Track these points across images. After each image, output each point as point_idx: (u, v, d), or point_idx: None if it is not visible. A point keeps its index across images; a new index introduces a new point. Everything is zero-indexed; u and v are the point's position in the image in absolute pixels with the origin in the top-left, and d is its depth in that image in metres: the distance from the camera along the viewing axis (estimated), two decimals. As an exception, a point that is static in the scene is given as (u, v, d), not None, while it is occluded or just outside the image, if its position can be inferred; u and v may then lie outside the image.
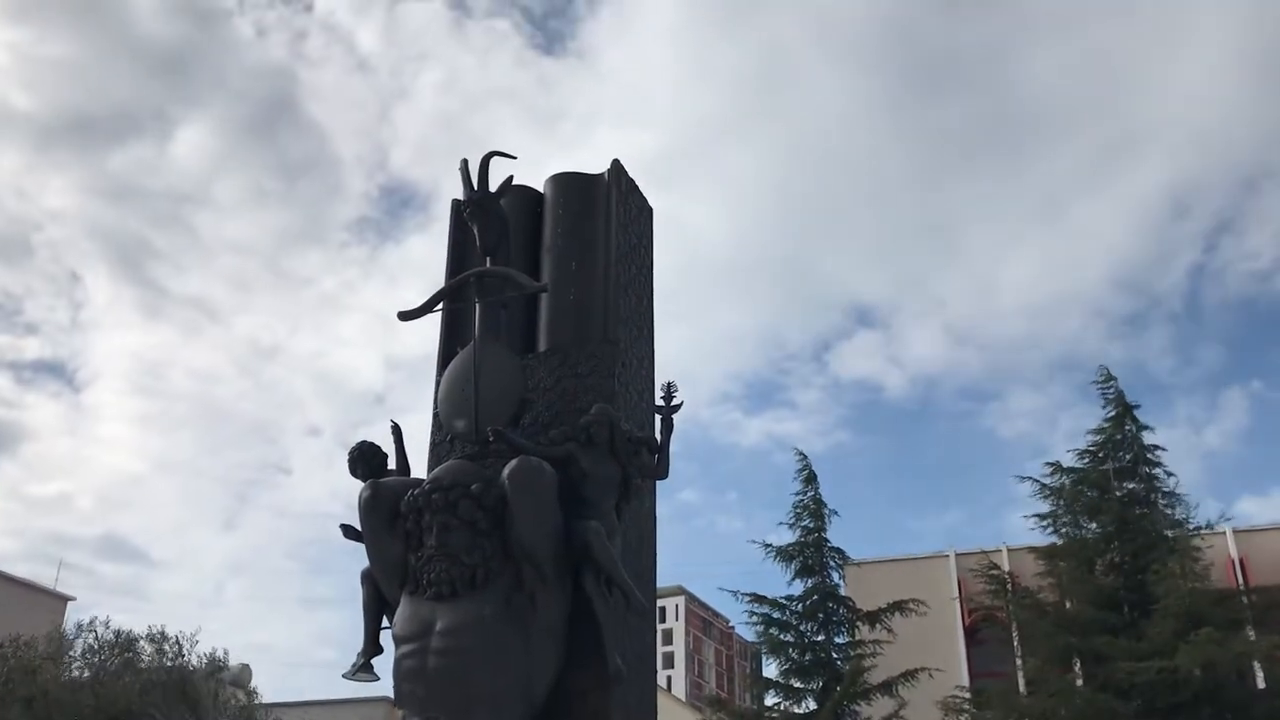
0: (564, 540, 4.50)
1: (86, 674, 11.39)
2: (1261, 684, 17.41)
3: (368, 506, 4.66)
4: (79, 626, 11.18)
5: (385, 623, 4.84)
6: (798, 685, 22.02)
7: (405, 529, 4.58)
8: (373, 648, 4.89)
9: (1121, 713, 16.89)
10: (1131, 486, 19.37)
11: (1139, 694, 16.72)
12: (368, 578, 4.86)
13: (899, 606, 21.42)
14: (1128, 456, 19.41)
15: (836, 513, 22.33)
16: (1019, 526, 31.82)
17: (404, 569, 4.61)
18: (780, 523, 23.29)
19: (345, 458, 5.02)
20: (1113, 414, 19.63)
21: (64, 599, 42.01)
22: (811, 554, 22.10)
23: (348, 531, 4.92)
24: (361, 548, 4.85)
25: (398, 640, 4.50)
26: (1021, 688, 19.82)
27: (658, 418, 5.09)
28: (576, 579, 4.55)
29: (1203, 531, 19.28)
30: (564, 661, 4.49)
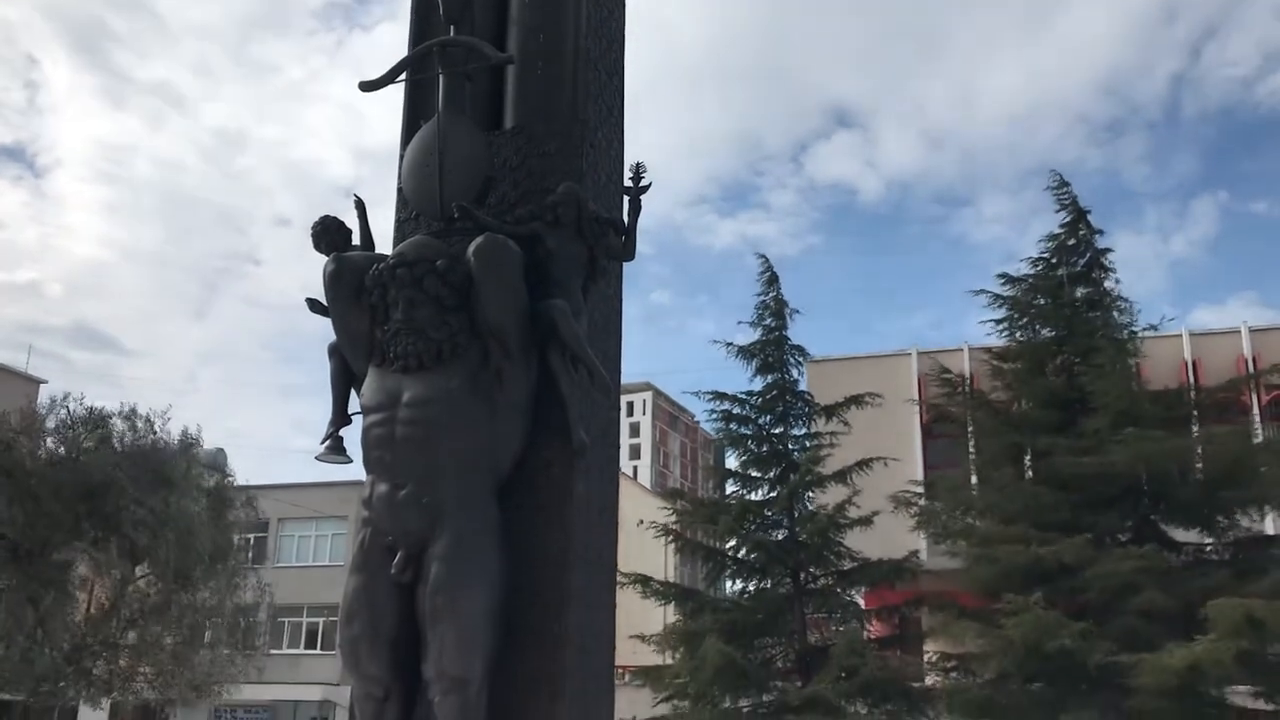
0: (530, 318, 4.53)
1: (61, 450, 11.60)
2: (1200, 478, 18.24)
3: (332, 280, 4.66)
4: (52, 401, 11.32)
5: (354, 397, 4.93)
6: (755, 475, 22.86)
7: (371, 303, 4.60)
8: (341, 419, 5.00)
9: (1061, 505, 17.75)
10: (1084, 291, 19.69)
11: (1077, 487, 17.52)
12: (335, 351, 4.91)
13: (856, 400, 22.04)
14: (1081, 261, 19.66)
15: (799, 311, 22.62)
16: (983, 328, 32.28)
17: (370, 342, 4.66)
18: (741, 322, 23.62)
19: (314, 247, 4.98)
20: (1067, 220, 19.75)
21: (36, 381, 42.30)
22: (772, 352, 22.52)
23: (314, 305, 4.95)
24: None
25: (365, 410, 4.59)
26: (973, 483, 20.68)
27: (625, 200, 5.06)
28: (542, 357, 4.60)
29: (1152, 334, 19.79)
30: (529, 436, 4.60)
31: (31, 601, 9.82)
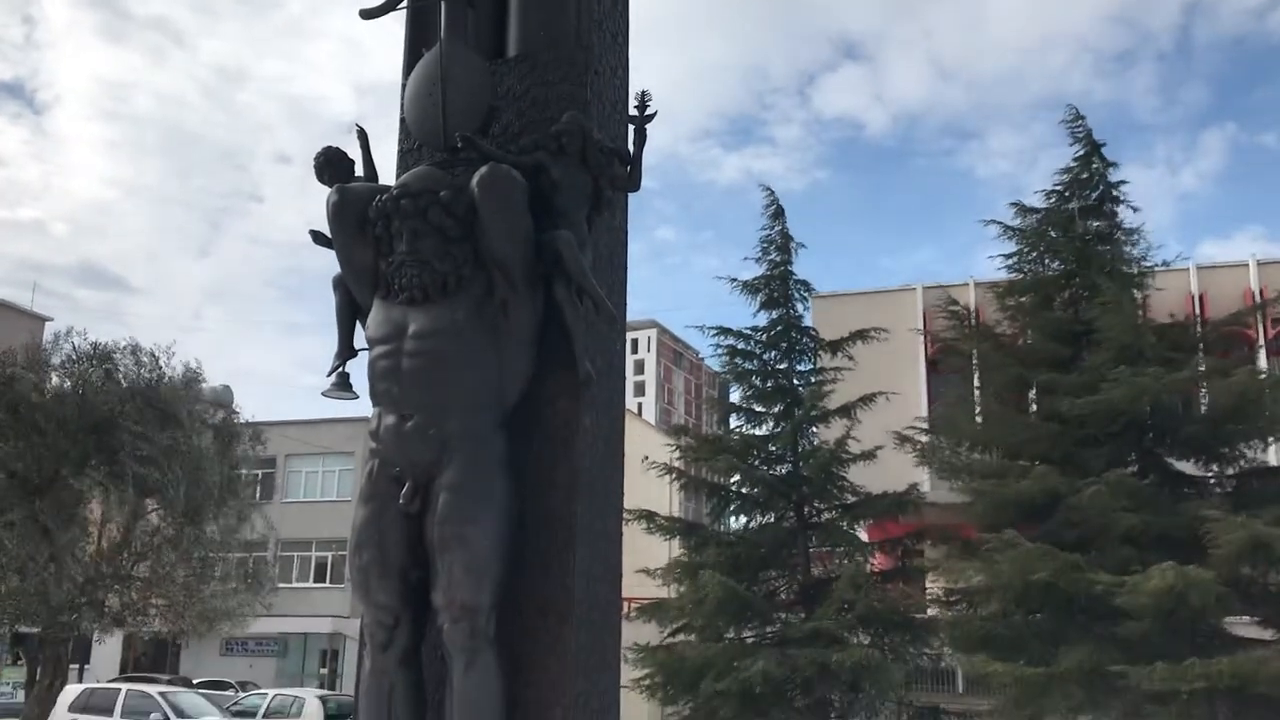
0: (534, 250, 4.50)
1: (67, 385, 11.63)
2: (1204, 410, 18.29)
3: (335, 211, 4.62)
4: (56, 337, 11.31)
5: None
6: (759, 409, 22.95)
7: (375, 235, 4.57)
8: (347, 351, 4.99)
9: (1064, 439, 17.81)
10: (1096, 225, 19.56)
11: (1080, 422, 17.57)
12: (339, 284, 4.89)
13: (861, 335, 22.05)
14: (1093, 195, 19.52)
15: (804, 245, 22.55)
16: (990, 265, 32.13)
17: (375, 274, 4.63)
18: (746, 257, 23.52)
19: (317, 182, 4.93)
20: (1081, 153, 19.57)
21: (41, 319, 42.46)
22: (777, 287, 22.48)
23: (317, 237, 4.92)
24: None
25: (371, 342, 4.59)
26: (977, 418, 20.73)
27: (630, 129, 5.00)
28: (547, 289, 4.58)
29: (1159, 269, 19.70)
30: (535, 369, 4.59)
31: (45, 534, 9.94)
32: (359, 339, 4.91)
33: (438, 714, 4.35)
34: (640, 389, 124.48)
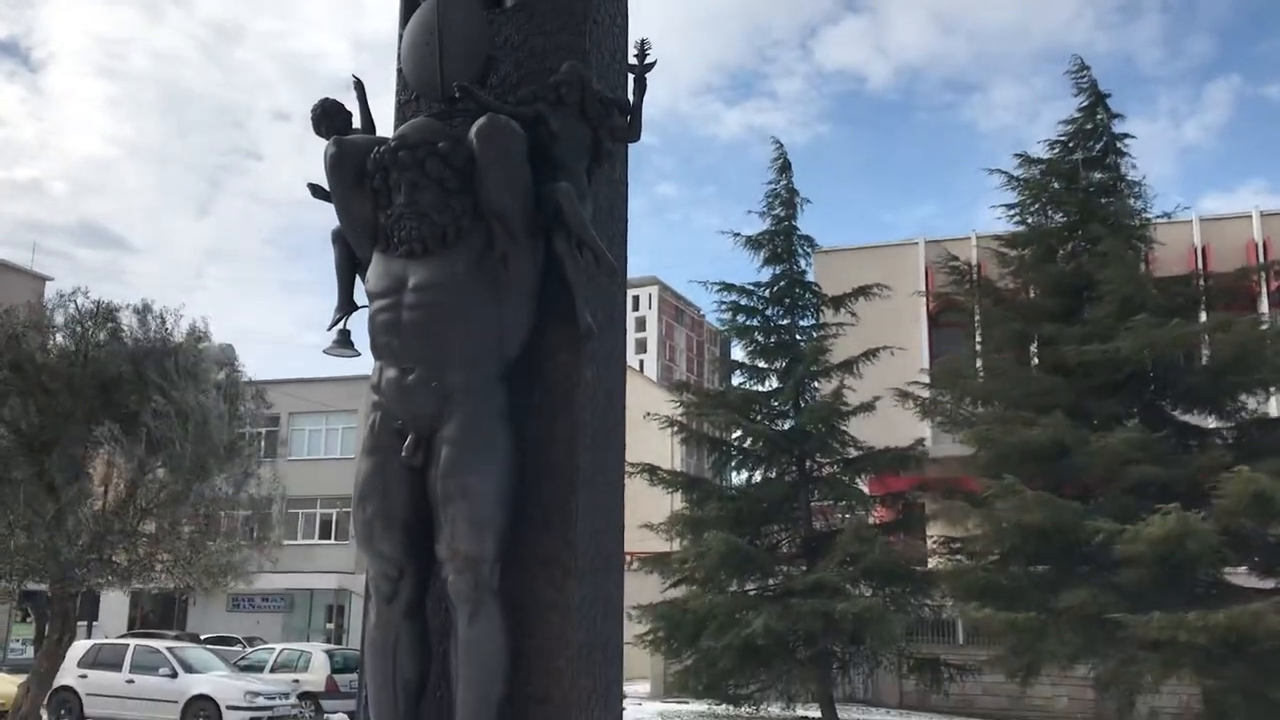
0: (534, 201, 4.47)
1: (71, 345, 11.63)
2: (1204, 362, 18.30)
3: (333, 163, 4.58)
4: (59, 295, 11.28)
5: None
6: (762, 366, 22.98)
7: (373, 187, 4.53)
8: (347, 305, 4.97)
9: (1065, 391, 17.83)
10: (1100, 177, 19.46)
11: (1081, 375, 17.58)
12: (338, 237, 4.86)
13: (864, 291, 22.01)
14: (1097, 146, 19.39)
15: (809, 200, 22.46)
16: (991, 218, 31.94)
17: (374, 227, 4.60)
18: (750, 211, 23.42)
19: (316, 140, 4.87)
20: (1085, 104, 19.42)
21: (42, 279, 42.41)
22: (781, 242, 22.41)
23: (315, 190, 4.88)
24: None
25: (371, 296, 4.57)
26: (979, 372, 20.73)
27: (630, 78, 4.94)
28: (547, 242, 4.55)
29: (1162, 221, 19.60)
30: (535, 322, 4.58)
31: (50, 492, 10.00)
32: (359, 294, 4.88)
33: (443, 665, 4.38)
34: (642, 346, 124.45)
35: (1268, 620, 14.35)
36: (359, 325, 4.86)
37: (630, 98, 4.91)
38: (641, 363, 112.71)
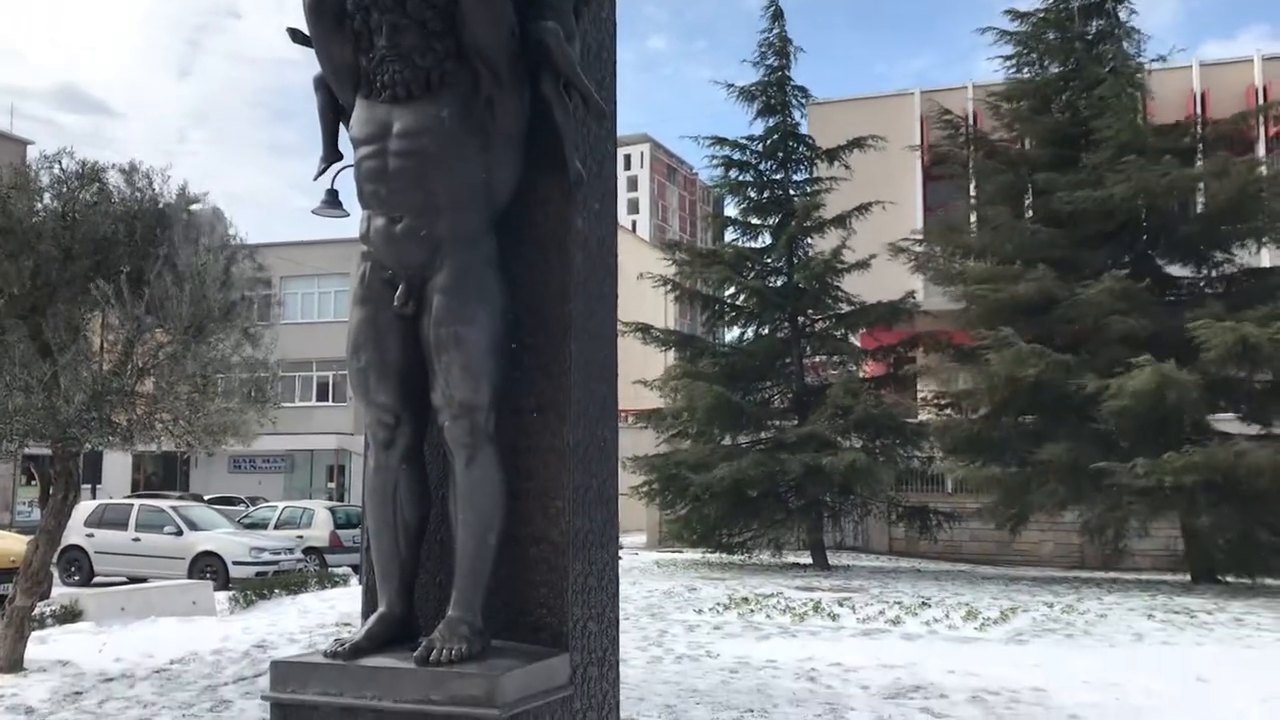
0: (519, 42, 4.34)
1: (59, 206, 11.45)
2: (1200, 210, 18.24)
3: (312, 4, 4.43)
4: (43, 157, 10.99)
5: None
6: (755, 222, 22.84)
7: (354, 29, 4.39)
8: (331, 153, 4.88)
9: (1058, 242, 17.80)
10: (1099, 25, 19.05)
11: (1075, 224, 17.52)
12: (321, 84, 4.73)
13: (858, 143, 21.72)
14: (1095, -7, 18.87)
15: (802, 49, 21.94)
16: (989, 69, 31.22)
17: (356, 72, 4.48)
18: (744, 60, 22.87)
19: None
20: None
21: (23, 143, 41.51)
22: (774, 93, 21.98)
23: (295, 35, 4.73)
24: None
25: (356, 143, 4.48)
26: (973, 226, 20.67)
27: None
28: (534, 85, 4.44)
29: (1160, 66, 19.23)
30: (524, 170, 4.51)
31: (44, 354, 10.00)
32: (344, 143, 4.79)
33: (442, 509, 4.49)
34: (634, 206, 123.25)
35: (1250, 457, 14.68)
36: (347, 186, 4.80)
37: (617, -67, 4.73)
38: (634, 223, 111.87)
